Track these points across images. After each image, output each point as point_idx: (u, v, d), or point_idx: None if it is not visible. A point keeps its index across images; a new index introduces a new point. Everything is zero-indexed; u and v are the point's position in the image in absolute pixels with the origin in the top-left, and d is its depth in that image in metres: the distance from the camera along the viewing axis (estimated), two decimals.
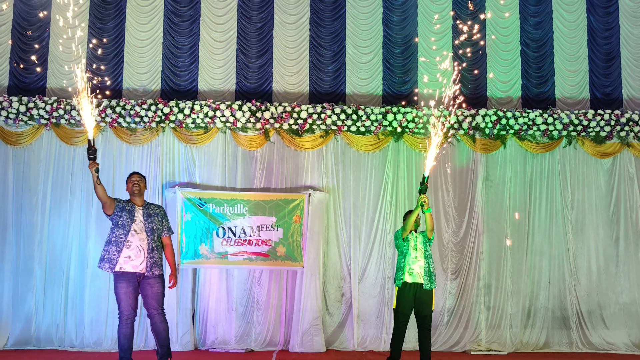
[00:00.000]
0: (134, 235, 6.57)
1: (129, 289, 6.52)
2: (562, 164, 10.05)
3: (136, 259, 6.53)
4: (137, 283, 6.58)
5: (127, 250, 6.52)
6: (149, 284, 6.57)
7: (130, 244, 6.54)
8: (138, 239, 6.57)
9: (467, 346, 9.53)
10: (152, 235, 6.64)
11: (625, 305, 9.88)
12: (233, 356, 8.66)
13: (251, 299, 9.46)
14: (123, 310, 6.54)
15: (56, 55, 9.83)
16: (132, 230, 6.57)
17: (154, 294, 6.58)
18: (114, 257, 6.49)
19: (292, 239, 9.42)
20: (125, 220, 6.58)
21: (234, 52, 10.11)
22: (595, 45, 10.45)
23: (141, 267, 6.53)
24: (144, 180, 6.88)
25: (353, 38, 10.24)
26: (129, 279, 6.53)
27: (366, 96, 10.12)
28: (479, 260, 9.77)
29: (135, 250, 6.53)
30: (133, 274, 6.53)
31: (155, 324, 6.62)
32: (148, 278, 6.58)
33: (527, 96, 10.28)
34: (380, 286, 9.62)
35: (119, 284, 6.53)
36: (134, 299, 6.57)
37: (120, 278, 6.52)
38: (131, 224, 6.58)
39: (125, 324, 6.55)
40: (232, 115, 9.49)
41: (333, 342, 9.49)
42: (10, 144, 9.46)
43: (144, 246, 6.56)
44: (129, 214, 6.62)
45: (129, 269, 6.51)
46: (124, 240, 6.53)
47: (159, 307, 6.63)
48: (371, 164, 9.86)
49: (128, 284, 6.52)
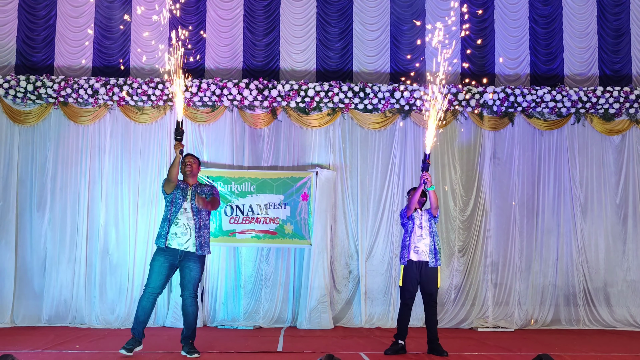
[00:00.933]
0: (183, 213, 6.64)
1: (164, 265, 6.60)
2: (570, 142, 10.01)
3: (182, 236, 6.59)
4: (177, 262, 6.64)
5: (175, 227, 6.60)
6: (189, 268, 6.63)
7: (179, 221, 6.62)
8: (186, 218, 6.63)
9: (474, 323, 9.57)
10: (199, 214, 6.68)
11: (633, 283, 9.89)
12: (241, 333, 8.72)
13: (259, 277, 9.51)
14: (150, 283, 6.61)
15: (63, 34, 9.83)
16: (183, 208, 6.65)
17: (191, 277, 6.65)
18: (164, 233, 6.60)
19: (300, 216, 9.45)
20: (177, 198, 6.68)
21: (240, 30, 10.07)
22: (605, 21, 10.36)
23: (187, 244, 6.60)
24: (197, 162, 6.97)
25: (360, 15, 10.19)
26: (168, 256, 6.60)
27: (373, 74, 10.09)
28: (486, 237, 9.78)
29: (182, 227, 6.60)
30: (175, 252, 6.59)
31: (186, 306, 6.69)
32: (189, 261, 6.62)
33: (535, 73, 10.22)
34: (388, 263, 9.65)
35: (158, 257, 6.62)
36: (165, 277, 6.63)
37: (162, 252, 6.61)
38: (182, 202, 6.67)
39: (147, 297, 6.61)
40: (239, 94, 9.48)
41: (341, 319, 9.55)
42: (19, 122, 9.49)
43: (191, 225, 6.62)
44: (182, 192, 6.71)
45: (174, 245, 6.59)
46: (174, 217, 6.62)
47: (193, 291, 6.68)
48: (378, 141, 9.85)
49: (166, 259, 6.60)
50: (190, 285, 6.66)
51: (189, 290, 6.66)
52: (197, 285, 6.73)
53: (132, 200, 9.46)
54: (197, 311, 6.79)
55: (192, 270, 6.65)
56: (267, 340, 7.99)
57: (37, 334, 8.33)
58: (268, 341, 7.94)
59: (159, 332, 8.46)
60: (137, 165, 9.55)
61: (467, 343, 8.06)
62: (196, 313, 6.75)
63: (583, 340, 8.49)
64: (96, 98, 9.42)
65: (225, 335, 8.49)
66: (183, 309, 6.73)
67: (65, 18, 9.85)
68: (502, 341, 8.27)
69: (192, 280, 6.66)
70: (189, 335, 6.69)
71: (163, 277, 6.62)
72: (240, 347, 7.42)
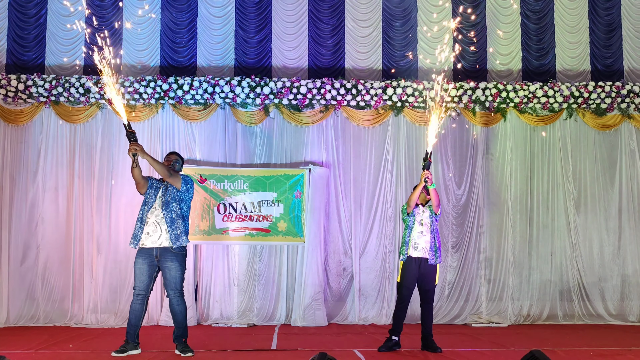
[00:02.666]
0: (153, 212, 6.64)
1: (143, 266, 6.60)
2: (562, 137, 10.03)
3: (154, 234, 6.60)
4: (155, 262, 6.62)
5: (146, 227, 6.62)
6: (168, 268, 6.61)
7: (148, 220, 6.63)
8: (154, 215, 6.63)
9: (467, 319, 9.59)
10: (168, 207, 6.65)
11: (627, 277, 9.92)
12: (236, 331, 8.71)
13: (253, 275, 9.50)
14: (135, 285, 6.64)
15: (54, 33, 9.79)
16: (153, 207, 6.65)
17: (172, 277, 6.63)
18: (138, 234, 6.62)
19: (293, 214, 9.44)
20: (150, 197, 6.69)
21: (232, 27, 10.05)
22: (596, 16, 10.38)
23: (160, 240, 6.59)
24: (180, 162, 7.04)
25: (352, 11, 10.18)
26: (145, 256, 6.60)
27: (366, 70, 10.08)
28: (480, 233, 9.80)
29: (152, 226, 6.61)
30: (150, 251, 6.58)
31: (172, 305, 6.69)
32: (167, 260, 6.59)
33: (527, 69, 10.23)
34: (382, 260, 9.65)
35: (137, 259, 6.65)
36: (147, 277, 6.62)
37: (139, 254, 6.64)
38: (153, 202, 6.66)
39: (135, 299, 6.63)
40: (231, 91, 9.46)
41: (334, 316, 9.56)
42: (10, 122, 9.45)
43: (159, 220, 6.61)
44: (154, 191, 6.71)
45: (149, 244, 6.59)
46: (145, 217, 6.64)
47: (176, 289, 6.67)
48: (371, 138, 9.85)
49: (143, 260, 6.60)
50: (172, 284, 6.64)
51: (172, 289, 6.65)
52: (180, 283, 6.70)
53: (124, 199, 9.42)
54: (185, 309, 6.76)
55: (171, 269, 6.62)
56: (261, 338, 7.99)
57: (30, 333, 8.30)
58: (262, 339, 7.94)
59: (152, 331, 8.44)
60: (129, 164, 9.46)
61: (460, 339, 8.07)
62: (184, 311, 6.74)
63: (576, 335, 8.51)
64: (87, 97, 9.39)
65: (219, 333, 8.48)
66: (171, 309, 6.74)
67: (56, 16, 9.81)
68: (496, 337, 8.28)
69: (173, 280, 6.63)
70: (181, 334, 6.69)
71: (146, 277, 6.62)
72: (234, 345, 7.41)
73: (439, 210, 7.30)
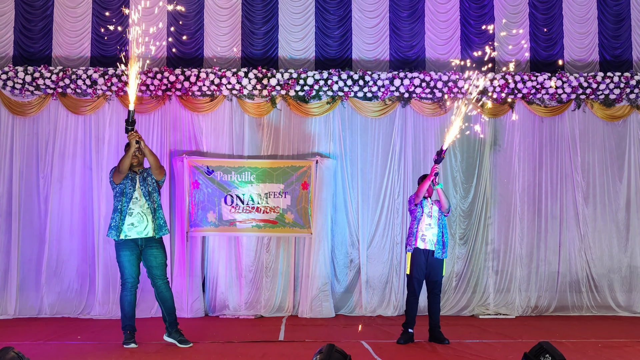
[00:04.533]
0: (136, 202, 6.65)
1: (132, 257, 6.64)
2: (571, 128, 9.98)
3: (139, 224, 6.61)
4: (139, 252, 6.66)
5: (130, 218, 6.60)
6: (153, 255, 6.66)
7: (132, 211, 6.62)
8: (139, 206, 6.64)
9: (475, 310, 9.58)
10: (150, 197, 6.69)
11: (635, 269, 9.89)
12: (243, 322, 8.73)
13: (260, 266, 9.50)
14: (127, 277, 6.65)
15: (61, 25, 9.78)
16: (134, 197, 6.65)
17: (158, 264, 6.68)
18: (119, 225, 6.59)
19: (300, 205, 9.44)
20: (127, 187, 6.66)
21: (239, 18, 10.02)
22: (605, 6, 10.30)
23: (146, 231, 6.62)
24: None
25: (359, 2, 10.12)
26: (132, 247, 6.63)
27: (373, 61, 10.04)
28: (487, 225, 9.77)
29: (137, 216, 6.62)
30: (135, 242, 6.62)
31: (162, 292, 6.71)
32: (151, 248, 6.64)
33: (535, 59, 10.16)
34: (389, 252, 9.64)
35: (123, 252, 6.64)
36: (137, 267, 6.69)
37: (124, 246, 6.63)
38: (133, 191, 6.66)
39: (130, 292, 6.66)
40: (238, 83, 9.45)
41: (342, 307, 9.56)
42: (17, 114, 9.46)
43: (145, 211, 6.64)
44: (130, 182, 6.69)
45: (134, 235, 6.61)
46: (125, 208, 6.61)
47: (163, 276, 6.73)
48: (378, 129, 9.82)
49: (132, 252, 6.63)
50: (159, 271, 6.69)
51: (159, 277, 6.70)
52: (165, 269, 6.76)
53: None
54: (172, 296, 6.79)
55: (157, 256, 6.67)
56: (269, 330, 8.01)
57: (39, 325, 8.35)
58: (269, 330, 7.96)
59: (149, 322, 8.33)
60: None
61: (468, 330, 8.07)
62: (172, 298, 6.77)
63: (584, 327, 8.50)
64: (95, 88, 9.39)
65: (226, 324, 8.51)
66: (159, 296, 6.73)
67: (63, 8, 9.80)
68: (503, 328, 8.27)
69: (160, 266, 6.69)
70: (174, 321, 6.72)
71: (136, 268, 6.68)
72: (241, 336, 7.43)
73: (448, 213, 7.28)
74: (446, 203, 7.19)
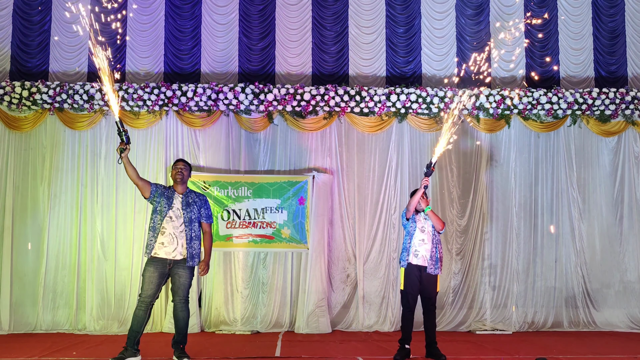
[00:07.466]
0: (169, 222, 6.57)
1: (154, 275, 6.55)
2: (567, 143, 10.02)
3: (169, 245, 6.54)
4: (167, 270, 6.61)
5: (161, 237, 6.54)
6: (178, 274, 6.61)
7: (165, 230, 6.55)
8: (172, 226, 6.56)
9: (472, 326, 9.56)
10: (191, 225, 6.64)
11: (630, 284, 9.90)
12: (239, 338, 8.70)
13: (256, 281, 9.48)
14: (142, 292, 6.59)
15: (58, 40, 9.80)
16: (168, 216, 6.57)
17: (181, 283, 6.63)
18: (151, 243, 6.55)
19: (297, 221, 9.43)
20: (162, 206, 6.60)
21: (236, 34, 10.06)
22: (600, 22, 10.38)
23: (174, 253, 6.55)
24: (188, 169, 6.83)
25: (356, 18, 10.19)
26: (157, 265, 6.55)
27: (369, 77, 10.09)
28: (484, 240, 9.77)
29: (168, 237, 6.54)
30: (164, 261, 6.56)
31: (177, 311, 6.67)
32: (179, 268, 6.59)
33: (531, 75, 10.21)
34: (385, 267, 9.63)
35: (147, 267, 6.59)
36: (156, 286, 6.57)
37: (151, 262, 6.57)
38: (167, 211, 6.58)
39: (139, 306, 6.57)
40: (235, 98, 9.47)
41: (338, 323, 9.53)
42: (14, 129, 9.45)
43: (177, 234, 6.56)
44: (167, 200, 6.62)
45: (162, 255, 6.54)
46: (159, 226, 6.55)
47: (183, 296, 6.67)
48: (375, 145, 9.84)
49: (155, 269, 6.55)
50: (180, 291, 6.63)
51: (179, 295, 6.64)
52: (187, 290, 6.70)
53: (129, 206, 9.42)
54: (188, 316, 6.75)
55: (181, 276, 6.61)
56: (265, 345, 7.97)
57: (34, 341, 8.29)
58: (266, 346, 7.92)
59: (156, 338, 8.42)
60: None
61: (465, 346, 8.05)
62: (187, 318, 6.73)
63: (581, 342, 8.48)
64: (92, 103, 9.40)
65: (222, 340, 8.47)
66: (174, 314, 6.71)
67: (60, 23, 9.83)
68: (501, 344, 8.25)
69: (181, 287, 6.63)
70: (180, 340, 6.68)
71: (154, 286, 6.56)
72: (237, 352, 7.40)
73: (442, 230, 7.25)
74: (438, 224, 7.16)
